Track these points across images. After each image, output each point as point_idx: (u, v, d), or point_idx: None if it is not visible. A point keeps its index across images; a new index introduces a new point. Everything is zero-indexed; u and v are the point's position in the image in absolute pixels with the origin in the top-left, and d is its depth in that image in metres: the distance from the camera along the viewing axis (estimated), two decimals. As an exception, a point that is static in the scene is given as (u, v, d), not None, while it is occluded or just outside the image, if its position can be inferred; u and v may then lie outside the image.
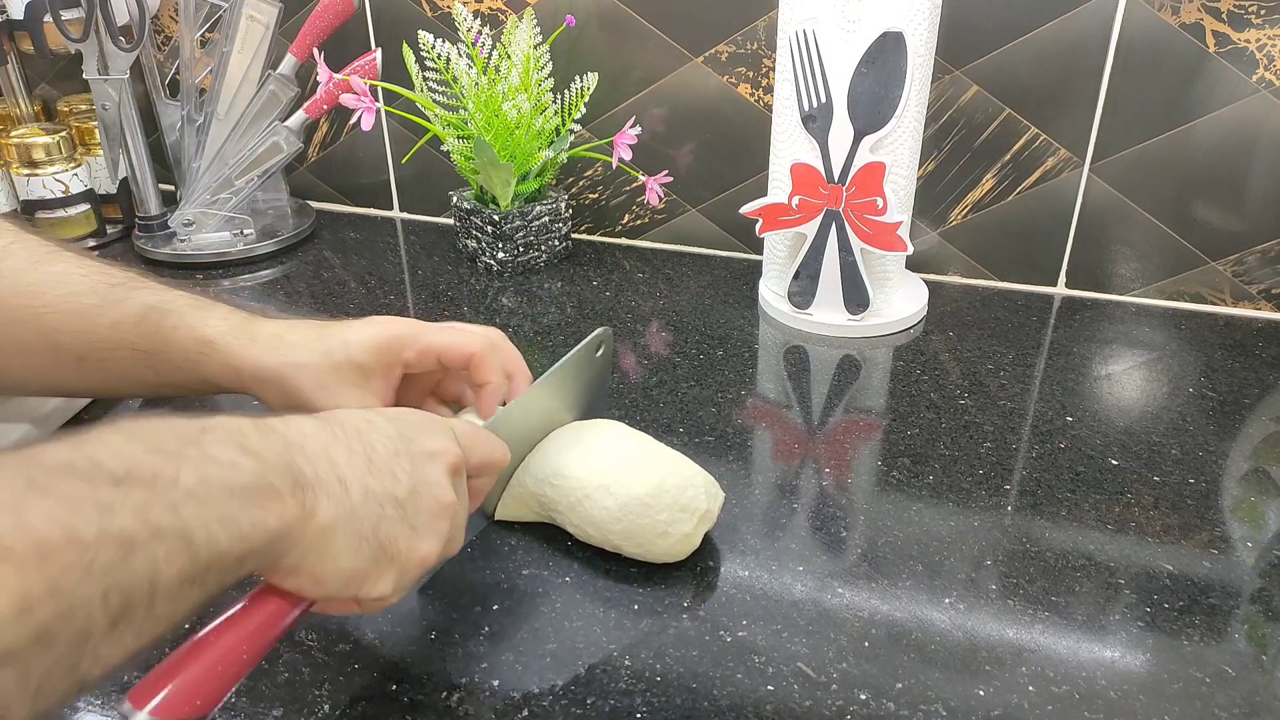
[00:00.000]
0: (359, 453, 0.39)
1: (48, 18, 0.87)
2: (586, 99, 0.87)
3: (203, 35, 0.93)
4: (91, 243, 0.97)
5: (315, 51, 0.85)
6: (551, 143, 0.88)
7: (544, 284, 0.88)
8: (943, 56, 0.80)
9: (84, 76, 0.90)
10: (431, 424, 0.44)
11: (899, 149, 0.72)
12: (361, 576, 0.38)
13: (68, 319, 0.51)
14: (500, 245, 0.88)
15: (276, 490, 0.34)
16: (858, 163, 0.71)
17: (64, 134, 0.95)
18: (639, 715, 0.43)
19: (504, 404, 0.53)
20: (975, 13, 0.78)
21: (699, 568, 0.52)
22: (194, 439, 0.33)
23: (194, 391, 0.54)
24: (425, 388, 0.58)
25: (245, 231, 0.94)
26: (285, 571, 0.36)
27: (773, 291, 0.82)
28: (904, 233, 0.74)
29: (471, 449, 0.45)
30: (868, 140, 0.71)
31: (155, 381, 0.53)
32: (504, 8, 0.91)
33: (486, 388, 0.55)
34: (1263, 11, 0.72)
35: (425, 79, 0.87)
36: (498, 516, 0.55)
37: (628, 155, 0.87)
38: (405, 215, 1.05)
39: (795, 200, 0.75)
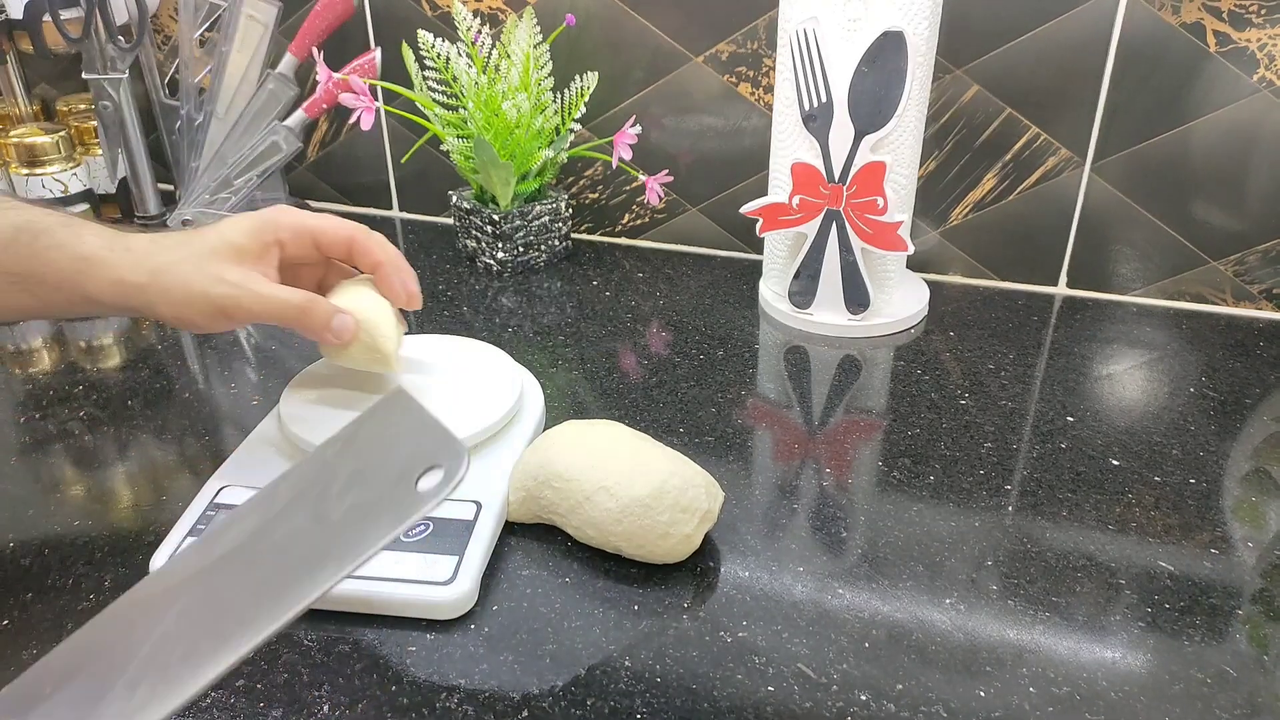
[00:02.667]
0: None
1: (47, 17, 0.87)
2: (586, 99, 0.87)
3: (202, 35, 0.93)
4: (91, 242, 0.97)
5: (315, 51, 0.85)
6: (551, 142, 0.88)
7: (544, 284, 0.88)
8: (943, 56, 0.80)
9: (83, 76, 0.90)
10: None
11: (899, 148, 0.72)
12: None
13: None
14: (500, 245, 0.88)
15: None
16: (858, 162, 0.71)
17: (63, 134, 0.95)
18: (639, 716, 0.43)
19: None
20: (976, 12, 0.78)
21: (699, 568, 0.52)
22: None
23: (73, 312, 0.54)
24: (310, 282, 0.59)
25: (245, 231, 0.93)
26: None
27: (773, 291, 0.82)
28: (904, 232, 0.74)
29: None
30: (868, 140, 0.70)
31: (33, 305, 0.53)
32: (504, 7, 0.91)
33: (380, 269, 0.57)
34: (1263, 11, 0.72)
35: (425, 78, 0.86)
36: (507, 518, 0.55)
37: (628, 155, 0.87)
38: (405, 215, 1.05)
39: (796, 200, 0.75)
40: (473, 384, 0.62)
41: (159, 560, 0.49)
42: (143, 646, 0.32)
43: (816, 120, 0.71)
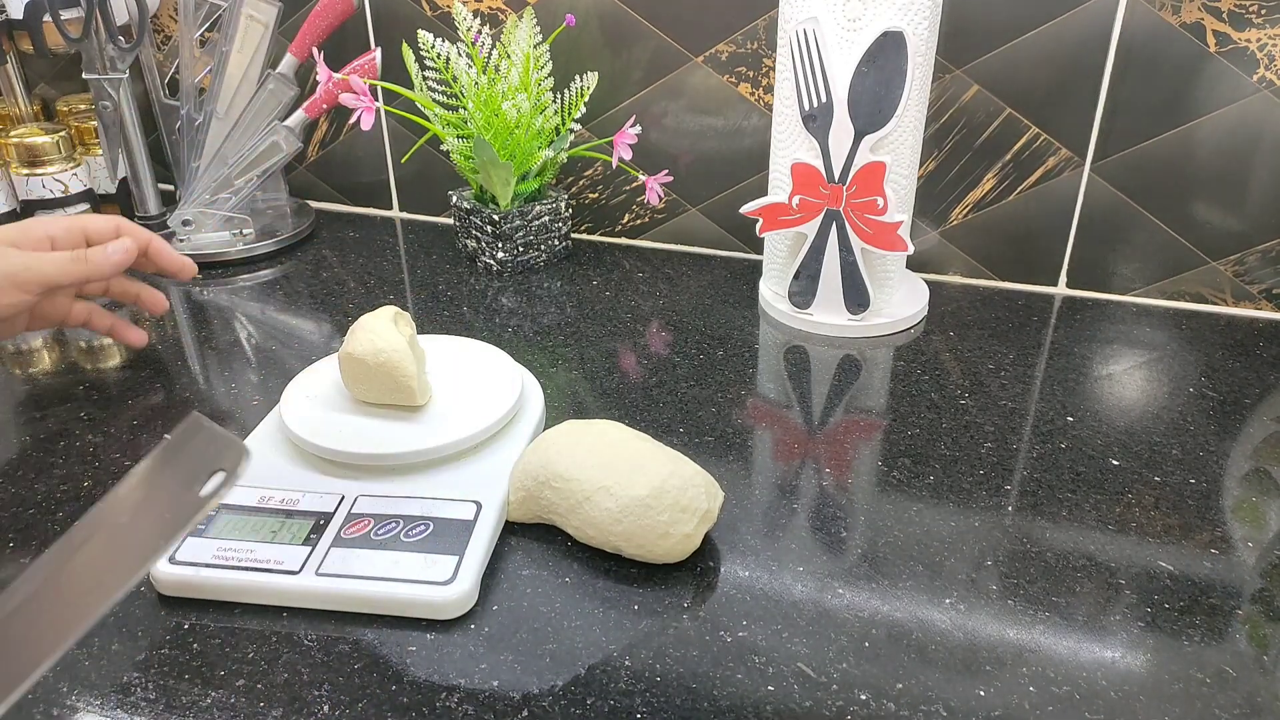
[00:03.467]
0: None
1: (47, 17, 0.87)
2: (586, 99, 0.87)
3: (202, 35, 0.93)
4: (91, 242, 0.97)
5: (315, 51, 0.85)
6: (551, 142, 0.88)
7: (544, 284, 0.88)
8: (943, 56, 0.80)
9: (83, 76, 0.90)
10: None
11: (899, 148, 0.72)
12: None
13: None
14: (500, 245, 0.88)
15: None
16: (858, 162, 0.71)
17: (63, 134, 0.95)
18: (639, 715, 0.43)
19: None
20: (976, 12, 0.78)
21: (699, 568, 0.52)
22: None
23: None
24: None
25: (244, 231, 0.94)
26: None
27: (773, 291, 0.82)
28: (904, 232, 0.74)
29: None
30: (868, 140, 0.70)
31: None
32: (504, 7, 0.91)
33: (150, 246, 0.67)
34: (1263, 11, 0.72)
35: (425, 78, 0.86)
36: (506, 518, 0.55)
37: (628, 155, 0.87)
38: (405, 215, 1.05)
39: (795, 200, 0.75)
40: (473, 384, 0.62)
41: (159, 560, 0.49)
42: None
43: (816, 120, 0.71)
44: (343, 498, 0.54)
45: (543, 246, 0.90)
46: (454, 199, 0.91)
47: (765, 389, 0.71)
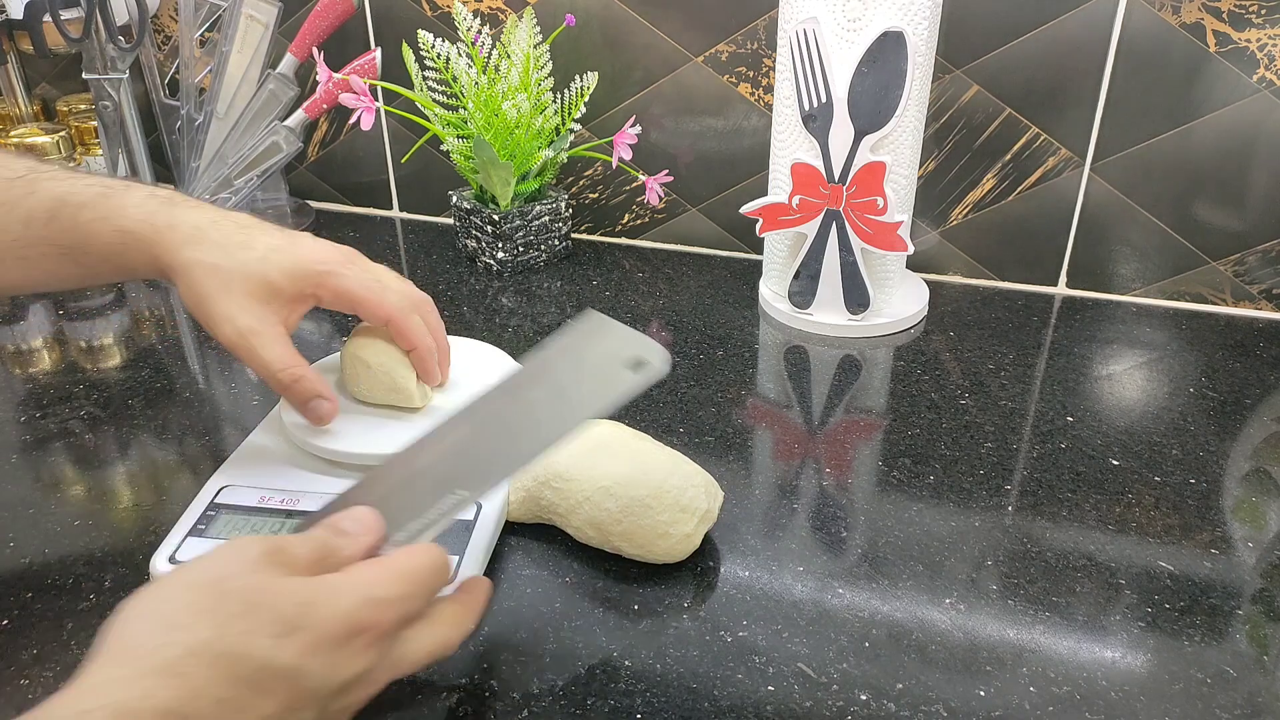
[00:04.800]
0: None
1: (47, 17, 0.87)
2: (586, 99, 0.87)
3: (202, 35, 0.93)
4: (91, 242, 0.97)
5: (315, 51, 0.85)
6: (551, 142, 0.88)
7: (544, 284, 0.88)
8: (943, 56, 0.80)
9: (83, 76, 0.90)
10: (368, 667, 0.36)
11: (899, 148, 0.72)
12: None
13: None
14: (500, 245, 0.88)
15: None
16: (858, 162, 0.71)
17: (63, 134, 0.95)
18: (639, 715, 0.43)
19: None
20: (976, 12, 0.78)
21: (699, 568, 0.52)
22: None
23: (119, 279, 0.54)
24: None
25: (245, 231, 0.93)
26: None
27: (773, 291, 0.82)
28: (904, 232, 0.74)
29: (419, 611, 0.39)
30: (868, 140, 0.70)
31: (80, 274, 0.53)
32: (504, 7, 0.91)
33: (414, 354, 0.55)
34: (1263, 11, 0.72)
35: (425, 78, 0.86)
36: (506, 518, 0.55)
37: (628, 155, 0.87)
38: (405, 215, 1.05)
39: (795, 200, 0.75)
40: (472, 384, 0.62)
41: (159, 560, 0.49)
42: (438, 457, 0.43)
43: (816, 120, 0.71)
44: None
45: (543, 246, 0.90)
46: (454, 199, 0.91)
47: (765, 389, 0.71)
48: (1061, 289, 0.86)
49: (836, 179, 0.72)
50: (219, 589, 0.33)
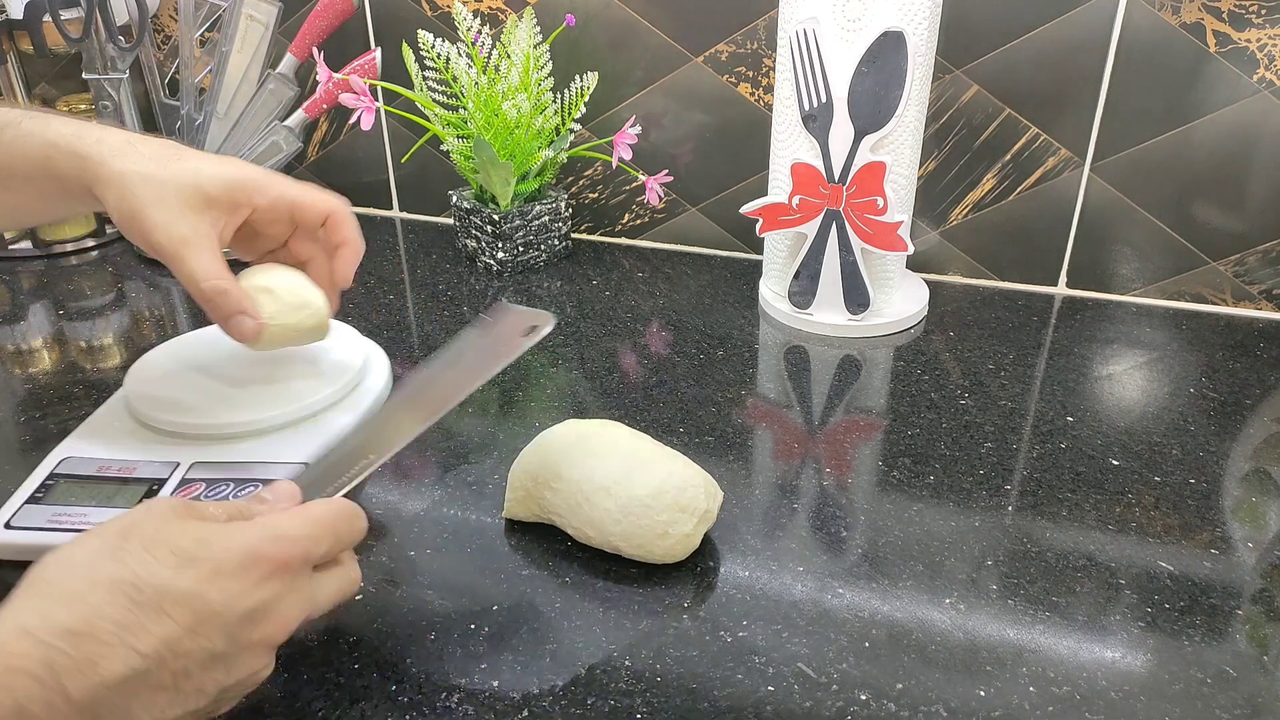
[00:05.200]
0: (167, 684, 0.34)
1: (47, 17, 0.87)
2: (586, 99, 0.87)
3: (202, 35, 0.93)
4: (91, 242, 0.97)
5: (315, 51, 0.85)
6: (551, 142, 0.88)
7: (544, 284, 0.88)
8: (943, 56, 0.80)
9: (83, 76, 0.90)
10: (274, 595, 0.37)
11: (899, 149, 0.72)
12: None
13: None
14: (500, 245, 0.88)
15: None
16: (858, 162, 0.71)
17: (63, 133, 0.95)
18: (639, 715, 0.43)
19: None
20: (975, 12, 0.78)
21: (699, 568, 0.52)
22: None
23: (47, 211, 0.54)
24: (267, 246, 0.59)
25: (245, 231, 0.94)
26: None
27: (773, 291, 0.82)
28: (904, 232, 0.74)
29: (328, 555, 0.41)
30: (868, 140, 0.70)
31: (9, 203, 0.53)
32: (504, 7, 0.91)
33: (344, 249, 0.57)
34: (1263, 11, 0.72)
35: (425, 78, 0.86)
36: (506, 515, 0.55)
37: (628, 155, 0.87)
38: (405, 215, 1.05)
39: (795, 200, 0.75)
40: (317, 358, 0.65)
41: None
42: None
43: (816, 120, 0.71)
44: (178, 465, 0.56)
45: (543, 246, 0.90)
46: (454, 199, 0.91)
47: (765, 389, 0.71)
48: (1061, 289, 0.86)
49: (836, 179, 0.72)
50: (126, 533, 0.36)
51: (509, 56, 0.84)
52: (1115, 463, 0.61)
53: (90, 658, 0.32)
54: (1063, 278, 0.86)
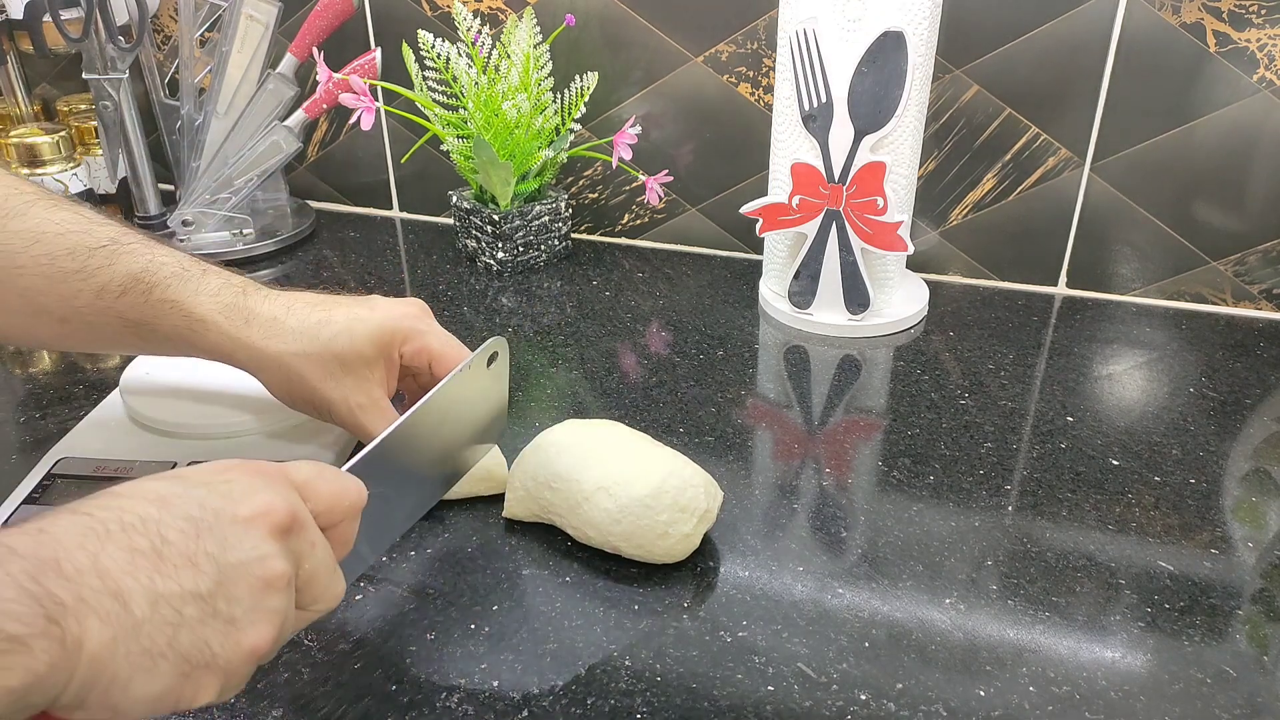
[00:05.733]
0: (143, 549, 0.31)
1: (47, 17, 0.87)
2: (586, 99, 0.87)
3: (202, 35, 0.93)
4: (91, 242, 0.97)
5: (315, 51, 0.85)
6: (551, 142, 0.88)
7: (544, 284, 0.88)
8: (943, 56, 0.80)
9: (83, 76, 0.90)
10: (253, 479, 0.36)
11: (899, 148, 0.72)
12: (170, 696, 0.31)
13: (47, 283, 0.49)
14: (500, 245, 0.88)
15: (17, 638, 0.27)
16: (858, 162, 0.71)
17: (63, 134, 0.95)
18: (639, 715, 0.43)
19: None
20: (976, 12, 0.78)
21: (699, 568, 0.52)
22: None
23: (185, 355, 0.53)
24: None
25: (244, 231, 0.94)
26: (67, 709, 0.29)
27: (773, 291, 0.82)
28: (904, 232, 0.74)
29: (314, 493, 0.38)
30: (868, 140, 0.70)
31: (142, 347, 0.53)
32: (504, 7, 0.91)
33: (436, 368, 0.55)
34: (1263, 11, 0.72)
35: (425, 78, 0.86)
36: (506, 515, 0.55)
37: (628, 155, 0.87)
38: (405, 215, 1.05)
39: (795, 200, 0.75)
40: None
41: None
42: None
43: (816, 120, 0.71)
44: (174, 464, 0.56)
45: (543, 246, 0.90)
46: (454, 199, 0.91)
47: (765, 389, 0.71)
48: (1061, 289, 0.86)
49: (836, 179, 0.72)
50: None
51: (509, 56, 0.84)
52: (1115, 463, 0.61)
53: (35, 526, 0.30)
54: (1063, 278, 0.86)
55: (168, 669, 0.31)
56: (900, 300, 0.81)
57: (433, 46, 0.83)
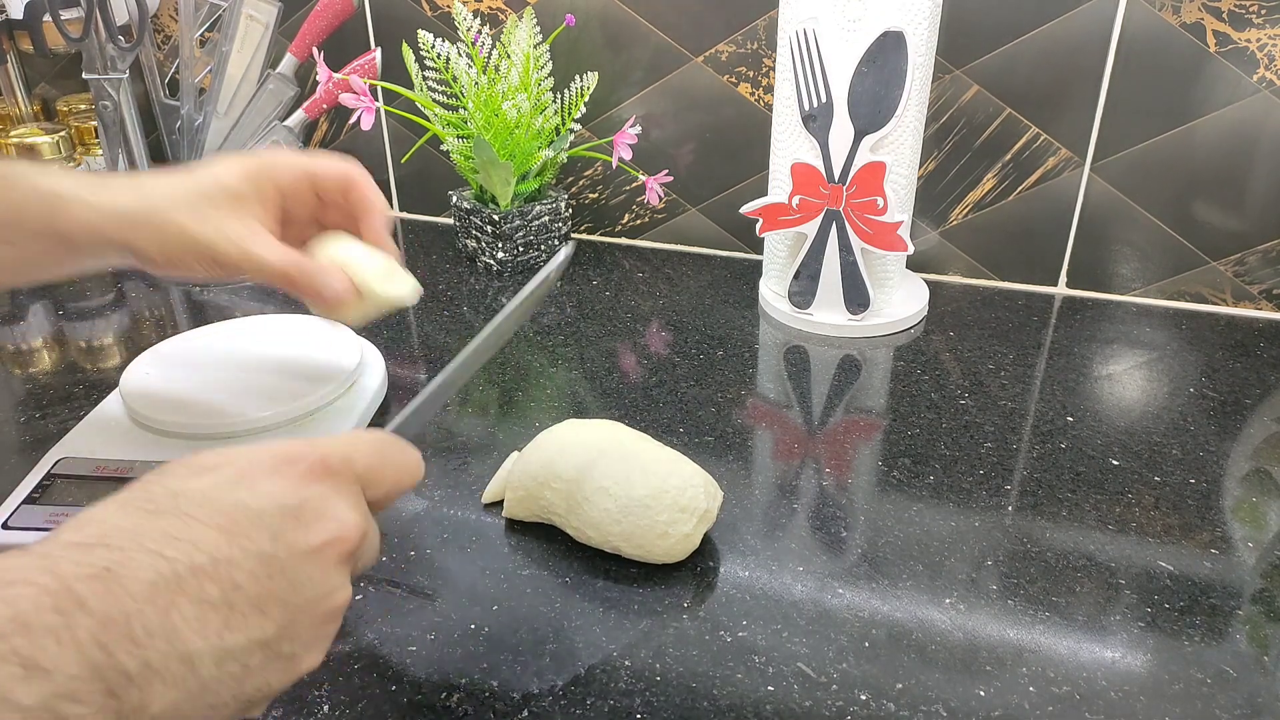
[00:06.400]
0: (214, 599, 0.29)
1: (47, 17, 0.87)
2: (586, 99, 0.87)
3: (202, 35, 0.93)
4: (91, 242, 0.97)
5: (315, 51, 0.85)
6: (551, 142, 0.88)
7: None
8: (943, 56, 0.80)
9: (83, 76, 0.90)
10: (322, 488, 0.34)
11: (899, 148, 0.72)
12: None
13: None
14: (500, 245, 0.88)
15: (74, 717, 0.25)
16: (858, 162, 0.71)
17: (63, 133, 0.95)
18: (639, 715, 0.43)
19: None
20: (976, 12, 0.78)
21: (699, 568, 0.52)
22: None
23: (53, 267, 0.51)
24: (301, 234, 0.55)
25: (245, 231, 0.94)
26: None
27: (773, 291, 0.82)
28: (904, 232, 0.74)
29: (377, 481, 0.37)
30: (868, 140, 0.70)
31: (11, 257, 0.49)
32: (504, 7, 0.91)
33: (369, 217, 0.54)
34: (1263, 11, 0.72)
35: (425, 78, 0.86)
36: (506, 515, 0.55)
37: (628, 155, 0.87)
38: (405, 215, 1.05)
39: (795, 200, 0.75)
40: (310, 359, 0.65)
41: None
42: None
43: (816, 120, 0.71)
44: None
45: (543, 246, 0.90)
46: (454, 199, 0.91)
47: (765, 389, 0.71)
48: (1061, 289, 0.86)
49: (836, 179, 0.72)
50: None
51: (509, 56, 0.84)
52: (1115, 463, 0.61)
53: (104, 564, 0.28)
54: (1063, 278, 0.86)
55: (228, 713, 0.30)
56: (900, 300, 0.81)
57: (433, 46, 0.83)
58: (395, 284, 0.56)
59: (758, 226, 0.78)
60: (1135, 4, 0.74)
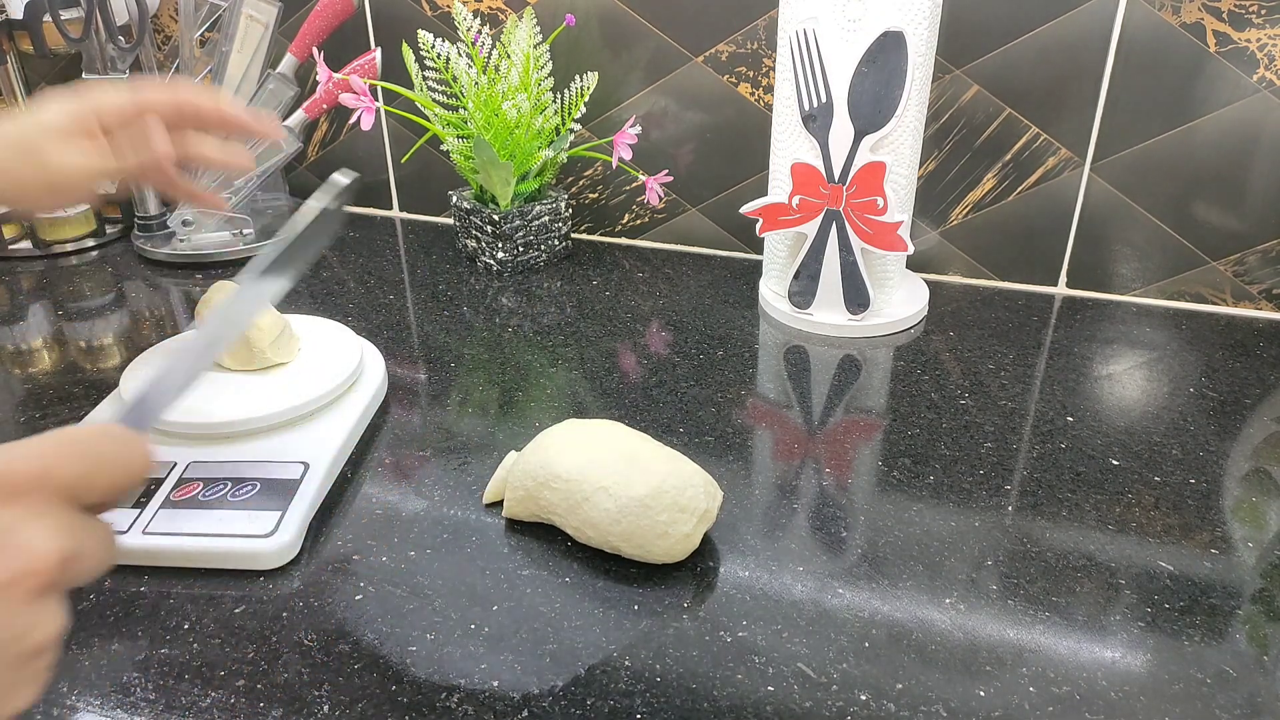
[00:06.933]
0: None
1: (47, 17, 0.87)
2: (586, 99, 0.87)
3: (202, 35, 0.93)
4: (91, 243, 0.97)
5: (315, 51, 0.85)
6: (551, 142, 0.88)
7: (544, 284, 0.88)
8: (943, 56, 0.80)
9: (84, 76, 0.90)
10: (4, 515, 0.30)
11: (899, 148, 0.72)
12: None
13: None
14: (500, 245, 0.88)
15: None
16: (858, 162, 0.71)
17: (63, 133, 0.94)
18: (639, 715, 0.43)
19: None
20: (976, 12, 0.78)
21: (699, 568, 0.52)
22: None
23: None
24: (143, 156, 0.52)
25: (244, 231, 0.94)
26: None
27: (773, 291, 0.82)
28: (904, 232, 0.74)
29: (91, 488, 0.33)
30: (868, 140, 0.70)
31: None
32: (504, 7, 0.91)
33: (223, 123, 0.53)
34: (1263, 11, 0.72)
35: (425, 78, 0.86)
36: (506, 515, 0.55)
37: (628, 155, 0.87)
38: (405, 215, 1.05)
39: (795, 200, 0.75)
40: (312, 359, 0.66)
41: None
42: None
43: (816, 120, 0.71)
44: (175, 464, 0.57)
45: (543, 246, 0.90)
46: (454, 199, 0.91)
47: (765, 389, 0.71)
48: (1061, 289, 0.86)
49: (836, 179, 0.72)
50: None
51: (509, 56, 0.84)
52: (1115, 463, 0.61)
53: None
54: (1063, 278, 0.86)
55: None
56: (900, 300, 0.81)
57: (433, 46, 0.83)
58: (282, 349, 0.63)
59: (758, 226, 0.78)
60: (1135, 4, 0.74)
